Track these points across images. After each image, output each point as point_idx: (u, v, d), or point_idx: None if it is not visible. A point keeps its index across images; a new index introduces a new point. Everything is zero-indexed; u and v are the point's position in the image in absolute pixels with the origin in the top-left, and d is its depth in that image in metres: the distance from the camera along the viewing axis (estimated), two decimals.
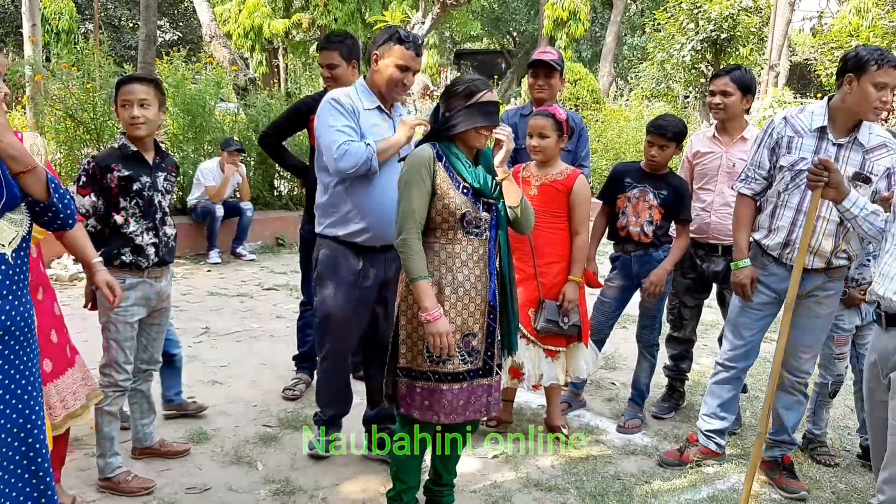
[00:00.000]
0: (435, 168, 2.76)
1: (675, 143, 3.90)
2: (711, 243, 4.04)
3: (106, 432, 3.20)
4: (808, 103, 3.52)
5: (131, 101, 3.09)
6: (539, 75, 4.14)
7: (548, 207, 3.69)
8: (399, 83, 3.21)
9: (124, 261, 3.12)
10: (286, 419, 4.00)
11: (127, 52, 19.52)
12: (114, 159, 3.13)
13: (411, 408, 2.82)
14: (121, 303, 3.00)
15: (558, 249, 3.73)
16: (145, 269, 3.17)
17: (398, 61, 3.17)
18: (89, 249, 2.89)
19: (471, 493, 3.35)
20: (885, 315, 2.45)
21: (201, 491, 3.25)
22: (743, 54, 15.82)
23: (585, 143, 4.24)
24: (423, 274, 2.72)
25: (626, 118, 12.55)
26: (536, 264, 3.70)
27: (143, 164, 3.18)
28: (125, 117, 3.10)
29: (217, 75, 9.26)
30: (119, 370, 3.18)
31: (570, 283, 3.71)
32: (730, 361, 3.63)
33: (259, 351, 5.08)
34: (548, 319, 3.66)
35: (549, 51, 4.22)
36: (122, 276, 3.10)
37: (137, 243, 3.14)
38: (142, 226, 3.16)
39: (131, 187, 3.13)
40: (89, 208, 3.13)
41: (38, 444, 2.25)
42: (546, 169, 3.74)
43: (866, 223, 2.71)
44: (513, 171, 3.78)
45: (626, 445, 3.92)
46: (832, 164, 2.71)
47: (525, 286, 3.67)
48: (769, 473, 3.62)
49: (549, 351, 3.75)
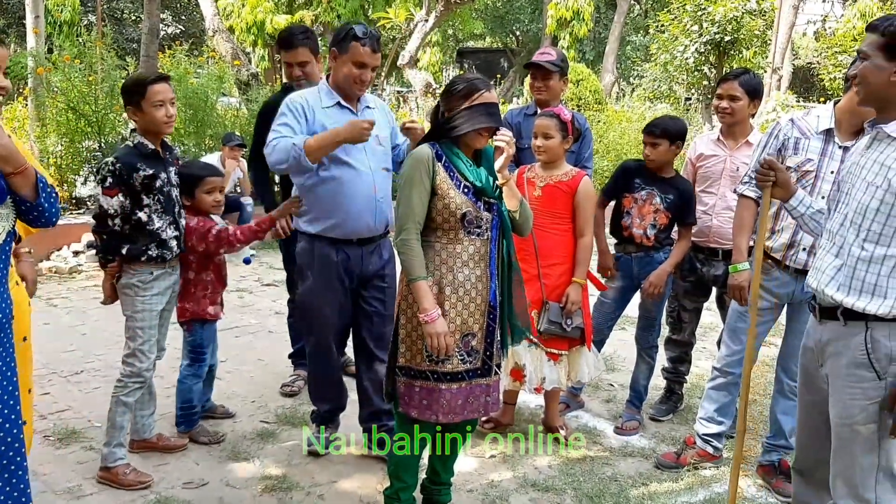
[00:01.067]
0: (434, 168, 2.76)
1: (666, 140, 3.87)
2: (712, 247, 4.04)
3: (118, 422, 3.24)
4: (812, 107, 3.53)
5: (164, 101, 3.15)
6: (536, 77, 4.13)
7: (552, 209, 3.69)
8: (357, 80, 3.19)
9: (151, 255, 3.20)
10: (284, 415, 4.00)
11: (129, 45, 19.51)
12: (137, 158, 3.18)
13: (410, 407, 2.82)
14: None
15: (562, 251, 3.72)
16: (169, 260, 3.27)
17: (355, 58, 3.16)
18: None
19: (468, 492, 3.35)
20: (818, 308, 2.50)
21: (198, 486, 3.25)
22: (746, 57, 15.84)
23: (589, 145, 4.23)
24: (422, 274, 2.72)
25: (628, 119, 12.53)
26: (540, 265, 3.69)
27: (161, 161, 3.26)
28: (161, 117, 3.15)
29: (219, 70, 9.27)
30: (143, 358, 3.26)
31: (574, 284, 3.71)
32: (727, 367, 3.62)
33: (257, 347, 5.08)
34: (551, 321, 3.65)
35: (547, 52, 4.19)
36: (149, 269, 3.22)
37: (163, 238, 3.23)
38: (165, 221, 3.24)
39: (154, 185, 3.19)
40: (117, 208, 3.16)
41: (9, 437, 2.22)
42: (551, 170, 3.73)
43: (812, 221, 2.76)
44: (518, 171, 3.79)
45: (623, 447, 3.92)
46: (777, 164, 2.76)
47: (529, 287, 3.64)
48: (766, 477, 3.62)
49: (551, 354, 3.74)
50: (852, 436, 2.39)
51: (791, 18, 16.56)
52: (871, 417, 2.35)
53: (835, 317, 2.44)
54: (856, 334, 2.37)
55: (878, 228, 2.31)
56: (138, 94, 3.14)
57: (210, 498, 3.18)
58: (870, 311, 2.33)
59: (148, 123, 3.18)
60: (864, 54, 2.37)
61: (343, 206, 3.21)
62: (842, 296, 2.39)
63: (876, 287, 2.32)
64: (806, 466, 2.73)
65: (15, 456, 2.24)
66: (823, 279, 2.46)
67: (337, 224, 3.24)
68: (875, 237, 2.32)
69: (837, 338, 2.44)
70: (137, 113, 3.18)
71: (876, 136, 2.41)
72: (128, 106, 3.22)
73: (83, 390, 4.19)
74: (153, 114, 3.15)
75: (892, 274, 2.31)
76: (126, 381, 3.25)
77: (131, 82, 3.24)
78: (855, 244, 2.37)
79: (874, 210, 2.31)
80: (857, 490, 2.39)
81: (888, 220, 2.29)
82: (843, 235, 2.42)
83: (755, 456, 3.80)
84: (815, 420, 2.62)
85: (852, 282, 2.37)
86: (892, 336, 2.33)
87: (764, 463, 3.65)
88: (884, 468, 2.37)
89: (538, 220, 3.59)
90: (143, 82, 3.16)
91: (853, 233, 2.38)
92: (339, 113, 3.24)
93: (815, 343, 2.55)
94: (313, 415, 3.64)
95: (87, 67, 7.94)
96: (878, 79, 2.34)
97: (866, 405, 2.35)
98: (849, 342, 2.40)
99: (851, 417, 2.39)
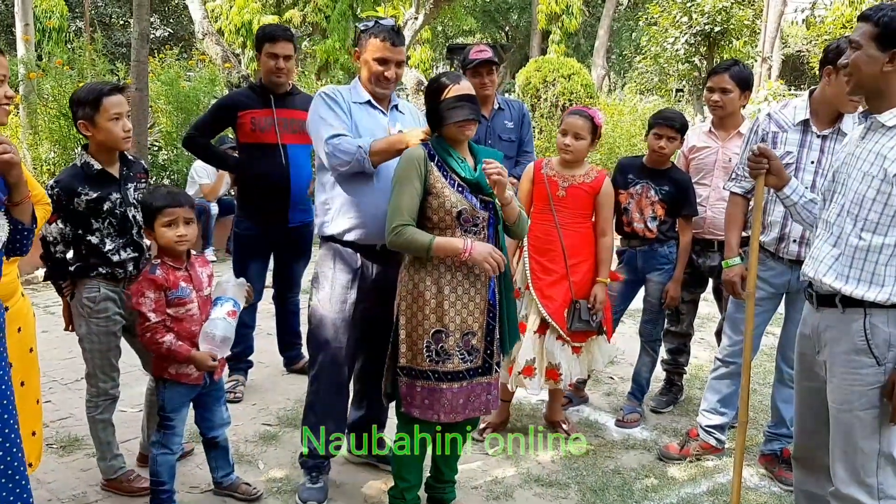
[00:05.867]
0: (427, 168, 2.76)
1: (680, 136, 3.92)
2: (707, 238, 4.06)
3: (102, 437, 3.15)
4: (788, 101, 3.56)
5: (121, 114, 2.92)
6: (481, 74, 4.00)
7: (575, 209, 3.70)
8: (381, 76, 3.07)
9: (100, 272, 3.00)
10: (285, 417, 4.01)
11: (118, 50, 19.42)
12: (78, 181, 2.92)
13: (412, 407, 2.83)
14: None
15: (586, 249, 3.73)
16: (121, 280, 3.04)
17: (376, 54, 3.06)
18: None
19: (472, 489, 3.36)
20: (816, 295, 2.52)
21: (204, 491, 3.25)
22: (736, 47, 15.86)
23: (529, 129, 4.25)
24: (431, 237, 2.71)
25: (620, 112, 12.54)
26: (568, 264, 3.69)
27: (110, 181, 3.00)
28: (118, 132, 2.91)
29: (210, 73, 9.23)
30: (105, 378, 3.10)
31: (600, 283, 3.71)
32: (729, 357, 3.64)
33: (255, 349, 5.07)
34: (581, 319, 3.66)
35: (483, 49, 4.07)
36: (96, 286, 3.00)
37: (115, 261, 3.01)
38: (117, 243, 3.01)
39: (102, 208, 2.95)
40: (56, 235, 2.95)
41: (7, 442, 2.22)
42: (573, 170, 3.71)
43: (805, 210, 2.77)
44: (534, 166, 3.78)
45: (625, 440, 3.94)
46: (771, 152, 2.75)
47: (558, 287, 3.66)
48: (768, 466, 3.64)
49: (575, 348, 3.75)
50: (852, 421, 2.40)
51: (780, 7, 16.59)
52: (871, 403, 2.37)
53: (832, 304, 2.45)
54: (854, 321, 2.39)
55: (875, 217, 2.32)
56: (92, 107, 2.87)
57: (215, 501, 3.18)
58: (868, 299, 2.34)
59: (104, 139, 2.92)
60: (855, 44, 2.38)
61: (370, 206, 3.03)
62: (840, 284, 2.40)
63: (874, 275, 2.34)
64: (805, 454, 2.74)
65: (13, 461, 2.24)
66: (821, 268, 2.47)
67: (361, 224, 3.05)
68: (872, 226, 2.33)
69: (835, 325, 2.45)
70: (90, 128, 2.89)
71: (870, 127, 2.42)
72: (80, 120, 2.90)
73: (83, 397, 4.15)
74: (110, 129, 2.89)
75: (890, 262, 2.32)
76: (95, 401, 3.11)
77: (83, 94, 2.92)
78: (852, 234, 2.38)
79: (871, 199, 2.33)
80: (859, 475, 2.40)
81: (885, 209, 2.30)
82: (840, 225, 2.43)
83: (757, 446, 3.82)
84: (814, 407, 2.63)
85: (850, 270, 2.38)
86: (890, 322, 2.34)
87: (766, 452, 3.67)
88: (885, 453, 2.39)
89: (563, 220, 3.62)
90: (98, 94, 2.88)
91: (850, 222, 2.39)
92: (371, 111, 3.13)
93: (812, 330, 2.57)
94: (302, 459, 3.27)
95: (77, 74, 7.91)
96: (869, 68, 2.35)
97: (866, 391, 2.37)
98: (847, 329, 2.41)
99: (851, 403, 2.40)
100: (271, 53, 4.04)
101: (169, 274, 2.86)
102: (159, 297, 2.84)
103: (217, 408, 3.11)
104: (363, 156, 2.91)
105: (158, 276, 2.83)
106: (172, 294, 2.86)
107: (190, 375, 2.92)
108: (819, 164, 3.31)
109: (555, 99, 11.99)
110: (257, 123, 4.07)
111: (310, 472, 3.22)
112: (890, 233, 2.31)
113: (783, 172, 2.78)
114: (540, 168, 3.76)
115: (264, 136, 4.07)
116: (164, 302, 2.85)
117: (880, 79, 2.34)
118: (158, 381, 2.97)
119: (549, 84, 12.19)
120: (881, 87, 2.36)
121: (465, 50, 4.28)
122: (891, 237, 2.31)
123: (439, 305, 2.77)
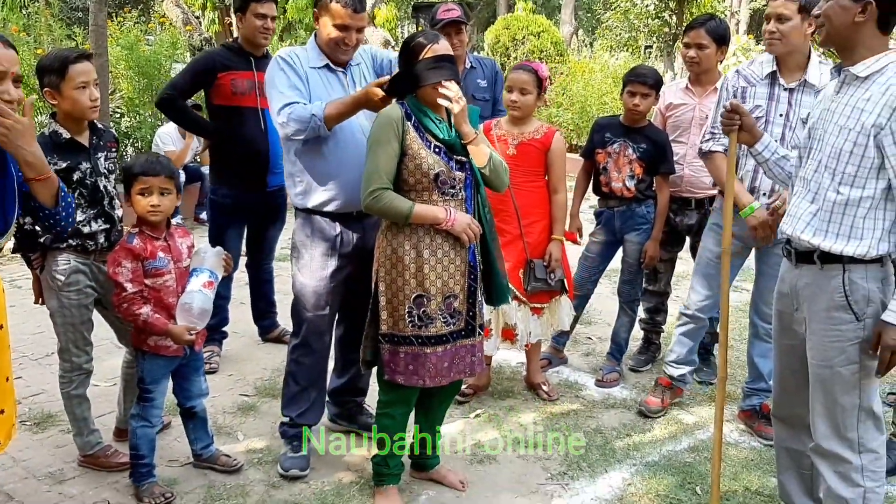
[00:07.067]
0: (404, 128, 2.69)
1: (655, 92, 3.88)
2: (685, 196, 4.04)
3: (78, 413, 3.10)
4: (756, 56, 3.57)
5: (88, 82, 2.83)
6: (450, 34, 3.87)
7: (527, 166, 3.65)
8: (340, 42, 2.96)
9: (71, 244, 2.92)
10: (263, 387, 3.96)
11: (74, 15, 18.83)
12: (47, 150, 2.70)
13: (395, 373, 2.79)
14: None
15: (540, 208, 3.70)
16: (92, 252, 2.97)
17: (336, 20, 2.93)
18: None
19: (455, 453, 3.35)
20: (794, 252, 2.53)
21: (183, 464, 3.20)
22: (704, 2, 15.79)
23: (502, 87, 4.10)
24: (411, 204, 2.67)
25: (590, 70, 12.46)
26: (521, 224, 3.66)
27: (80, 150, 2.93)
28: (85, 101, 2.83)
29: (171, 36, 8.98)
30: (78, 353, 3.04)
31: (555, 241, 3.71)
32: (700, 312, 3.67)
33: (230, 318, 4.99)
34: (537, 278, 3.65)
35: (451, 8, 3.99)
36: (66, 259, 2.93)
37: (85, 233, 2.93)
38: (88, 215, 2.93)
39: (72, 178, 2.87)
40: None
41: None
42: (521, 126, 3.68)
43: (777, 167, 2.77)
44: (483, 127, 3.72)
45: (605, 399, 3.95)
46: (743, 108, 2.74)
47: (512, 248, 3.64)
48: (747, 422, 3.68)
49: (535, 309, 3.75)
50: (833, 377, 2.42)
51: None
52: (851, 358, 2.39)
53: (811, 261, 2.46)
54: (833, 277, 2.40)
55: (852, 171, 2.32)
56: (58, 74, 2.78)
57: (195, 474, 3.14)
58: (847, 254, 2.35)
59: (70, 108, 2.84)
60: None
61: (339, 174, 2.97)
62: (819, 240, 2.40)
63: (852, 229, 2.35)
64: (785, 411, 2.76)
65: None
66: (799, 225, 2.47)
67: (334, 196, 3.00)
68: (850, 179, 2.33)
69: (814, 281, 2.46)
70: (56, 97, 2.82)
71: (844, 80, 2.41)
72: (45, 88, 2.81)
73: (55, 372, 4.02)
74: (77, 97, 2.81)
75: (868, 215, 2.33)
76: (69, 376, 3.05)
77: (49, 61, 2.82)
78: (830, 188, 2.38)
79: (848, 153, 2.32)
80: (840, 430, 2.43)
81: (862, 161, 2.30)
82: (817, 181, 2.43)
83: (736, 401, 3.85)
84: (793, 364, 2.65)
85: (829, 225, 2.38)
86: (868, 277, 2.36)
87: (745, 408, 3.71)
88: (864, 408, 2.42)
89: (516, 179, 3.55)
90: (64, 61, 2.79)
91: (828, 177, 2.38)
92: (329, 75, 3.03)
93: (791, 288, 2.58)
94: (283, 428, 3.26)
95: (34, 40, 7.64)
96: (842, 19, 2.33)
97: (845, 346, 2.39)
98: (826, 285, 2.42)
99: (831, 360, 2.42)
100: (259, 13, 3.90)
101: (147, 243, 2.81)
102: (136, 266, 2.78)
103: (196, 378, 3.07)
104: (318, 123, 2.84)
105: (136, 246, 2.78)
106: (150, 264, 2.81)
107: (169, 347, 2.87)
108: (787, 118, 3.33)
109: (525, 57, 11.85)
110: (237, 86, 3.94)
111: (290, 442, 3.20)
112: (868, 185, 2.31)
113: (755, 129, 2.76)
114: (489, 129, 3.71)
115: (244, 99, 3.95)
116: (142, 272, 2.80)
117: (852, 29, 2.33)
118: (137, 352, 2.93)
119: (519, 42, 12.06)
120: (853, 38, 2.34)
121: (432, 9, 4.17)
122: (869, 189, 2.32)
123: (419, 269, 2.73)
